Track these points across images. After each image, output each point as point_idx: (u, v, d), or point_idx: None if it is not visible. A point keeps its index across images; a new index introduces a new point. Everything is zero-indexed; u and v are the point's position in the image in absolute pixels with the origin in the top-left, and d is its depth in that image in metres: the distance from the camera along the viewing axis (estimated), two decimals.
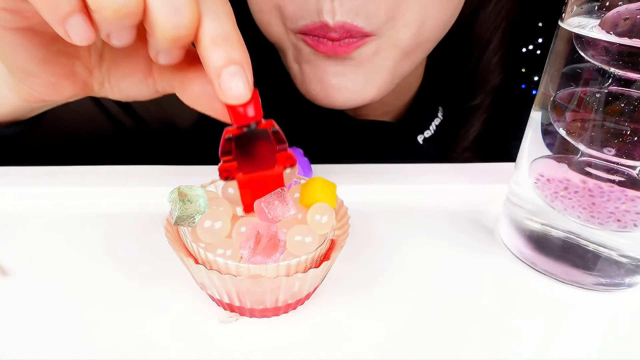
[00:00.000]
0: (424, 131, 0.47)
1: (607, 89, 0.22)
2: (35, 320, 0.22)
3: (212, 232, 0.21)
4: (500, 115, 0.48)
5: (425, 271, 0.26)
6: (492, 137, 0.49)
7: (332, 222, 0.22)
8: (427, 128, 0.47)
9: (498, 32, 0.45)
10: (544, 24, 0.44)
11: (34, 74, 0.24)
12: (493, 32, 0.45)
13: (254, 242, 0.20)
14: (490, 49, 0.46)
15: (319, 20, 0.32)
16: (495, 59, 0.46)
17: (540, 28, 0.45)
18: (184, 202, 0.21)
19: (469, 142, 0.48)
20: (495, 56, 0.46)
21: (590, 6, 0.22)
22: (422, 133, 0.47)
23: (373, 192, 0.32)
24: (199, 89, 0.22)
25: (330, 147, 0.44)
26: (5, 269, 0.25)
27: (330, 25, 0.31)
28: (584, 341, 0.22)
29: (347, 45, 0.33)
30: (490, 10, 0.45)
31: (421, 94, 0.48)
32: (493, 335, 0.22)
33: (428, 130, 0.47)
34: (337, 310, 0.23)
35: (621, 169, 0.22)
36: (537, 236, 0.26)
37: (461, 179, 0.33)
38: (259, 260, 0.20)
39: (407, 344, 0.21)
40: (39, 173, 0.32)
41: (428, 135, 0.47)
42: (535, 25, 0.46)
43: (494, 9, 0.44)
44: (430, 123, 0.47)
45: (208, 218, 0.21)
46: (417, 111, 0.48)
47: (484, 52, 0.46)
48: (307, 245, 0.21)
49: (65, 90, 0.25)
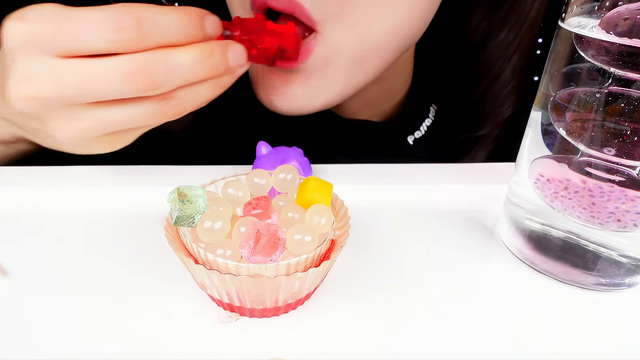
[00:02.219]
0: (414, 132, 0.46)
1: (607, 89, 0.22)
2: (35, 320, 0.22)
3: (212, 233, 0.21)
4: (508, 146, 0.46)
5: (425, 271, 0.26)
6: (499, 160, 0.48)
7: (331, 223, 0.22)
8: (418, 129, 0.46)
9: (510, 63, 0.44)
10: (544, 24, 0.44)
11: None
12: (504, 63, 0.44)
13: (254, 241, 0.20)
14: (501, 81, 0.45)
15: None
16: (506, 90, 0.45)
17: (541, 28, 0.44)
18: (183, 202, 0.21)
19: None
20: (506, 88, 0.45)
21: (590, 6, 0.22)
22: (412, 134, 0.46)
23: (373, 192, 0.32)
24: None
25: (318, 146, 0.44)
26: (5, 269, 0.25)
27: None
28: (584, 341, 0.22)
29: (302, 54, 0.32)
30: (500, 41, 0.43)
31: (412, 94, 0.47)
32: (493, 335, 0.22)
33: (418, 130, 0.46)
34: (337, 310, 0.23)
35: (621, 169, 0.22)
36: (537, 236, 0.26)
37: (461, 179, 0.33)
38: (258, 259, 0.20)
39: (407, 343, 0.21)
40: (39, 173, 0.32)
41: (419, 136, 0.46)
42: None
43: (504, 40, 0.43)
44: (421, 124, 0.46)
45: (208, 218, 0.21)
46: (407, 112, 0.47)
47: (494, 83, 0.45)
48: (306, 244, 0.21)
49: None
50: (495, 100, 0.45)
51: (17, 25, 0.24)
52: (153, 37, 0.24)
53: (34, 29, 0.24)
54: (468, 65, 0.45)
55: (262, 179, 0.24)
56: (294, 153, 0.31)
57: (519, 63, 0.44)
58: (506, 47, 0.43)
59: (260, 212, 0.23)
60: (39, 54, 0.24)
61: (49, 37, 0.24)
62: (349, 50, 0.32)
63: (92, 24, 0.23)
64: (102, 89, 0.24)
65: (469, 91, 0.46)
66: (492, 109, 0.46)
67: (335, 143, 0.44)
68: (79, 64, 0.24)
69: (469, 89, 0.46)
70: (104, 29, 0.23)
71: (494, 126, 0.46)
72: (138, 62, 0.24)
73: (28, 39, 0.24)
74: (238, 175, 0.25)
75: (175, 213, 0.21)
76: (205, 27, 0.26)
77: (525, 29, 0.43)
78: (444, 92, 0.48)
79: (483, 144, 0.47)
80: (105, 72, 0.24)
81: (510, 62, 0.44)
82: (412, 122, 0.46)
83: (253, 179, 0.24)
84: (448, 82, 0.48)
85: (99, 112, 0.25)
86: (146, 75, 0.24)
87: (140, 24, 0.23)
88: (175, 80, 0.25)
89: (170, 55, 0.24)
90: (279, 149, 0.31)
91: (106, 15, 0.23)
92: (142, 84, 0.24)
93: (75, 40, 0.24)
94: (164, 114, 0.26)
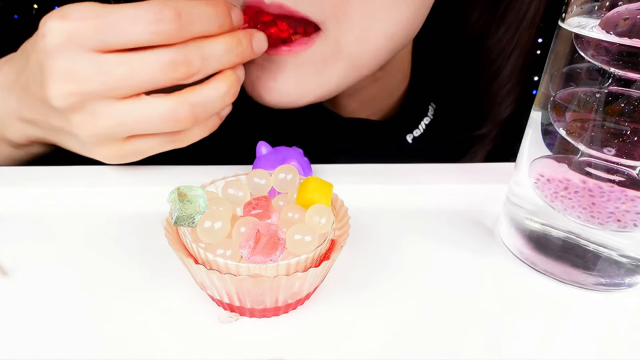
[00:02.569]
0: (413, 130, 0.46)
1: (607, 89, 0.22)
2: (35, 320, 0.22)
3: (212, 233, 0.21)
4: (507, 145, 0.46)
5: (425, 271, 0.26)
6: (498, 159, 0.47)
7: (331, 223, 0.22)
8: (417, 127, 0.46)
9: (509, 61, 0.44)
10: (544, 24, 0.44)
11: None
12: (503, 62, 0.44)
13: (254, 241, 0.20)
14: (500, 79, 0.44)
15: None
16: (505, 89, 0.45)
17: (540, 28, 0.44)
18: (183, 202, 0.21)
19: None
20: (505, 87, 0.45)
21: (590, 6, 0.22)
22: (411, 132, 0.46)
23: (373, 192, 0.32)
24: None
25: (318, 145, 0.44)
26: (5, 269, 0.25)
27: (265, 2, 0.30)
28: (584, 341, 0.22)
29: (295, 43, 0.32)
30: (498, 39, 0.43)
31: (410, 93, 0.47)
32: (493, 335, 0.22)
33: (417, 129, 0.46)
34: (337, 310, 0.23)
35: (621, 169, 0.22)
36: (537, 236, 0.26)
37: (461, 179, 0.33)
38: (258, 259, 0.20)
39: (406, 343, 0.21)
40: (39, 173, 0.32)
41: (417, 135, 0.46)
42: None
43: (502, 38, 0.43)
44: (420, 122, 0.46)
45: (208, 218, 0.21)
46: (405, 110, 0.47)
47: (493, 82, 0.45)
48: (306, 244, 0.21)
49: None
50: (494, 99, 0.45)
51: (58, 24, 0.25)
52: (191, 29, 0.26)
53: (75, 26, 0.25)
54: (467, 63, 0.45)
55: (262, 179, 0.24)
56: (294, 153, 0.31)
57: (518, 62, 0.44)
58: (505, 46, 0.43)
59: (260, 212, 0.23)
60: (81, 50, 0.25)
61: (91, 33, 0.25)
62: (348, 50, 0.33)
63: (133, 18, 0.25)
64: (146, 80, 0.26)
65: (468, 89, 0.46)
66: (491, 108, 0.46)
67: (334, 142, 0.44)
68: (123, 58, 0.25)
69: (468, 87, 0.46)
70: (145, 22, 0.25)
71: (493, 126, 0.46)
72: (179, 52, 0.26)
73: (70, 37, 0.25)
74: (238, 175, 0.25)
75: (175, 213, 0.21)
76: (233, 18, 0.28)
77: (523, 28, 0.43)
78: (443, 91, 0.48)
79: (482, 143, 0.47)
80: (149, 63, 0.25)
81: (509, 61, 0.44)
82: (410, 121, 0.46)
83: (253, 179, 0.24)
84: (447, 80, 0.48)
85: (121, 108, 0.26)
86: (186, 64, 0.26)
87: (179, 16, 0.25)
88: (209, 68, 0.27)
89: (205, 45, 0.27)
90: (279, 149, 0.31)
91: (146, 9, 0.25)
92: (182, 72, 0.26)
93: (117, 35, 0.25)
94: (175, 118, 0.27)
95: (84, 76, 0.25)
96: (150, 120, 0.27)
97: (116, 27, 0.25)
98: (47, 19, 0.25)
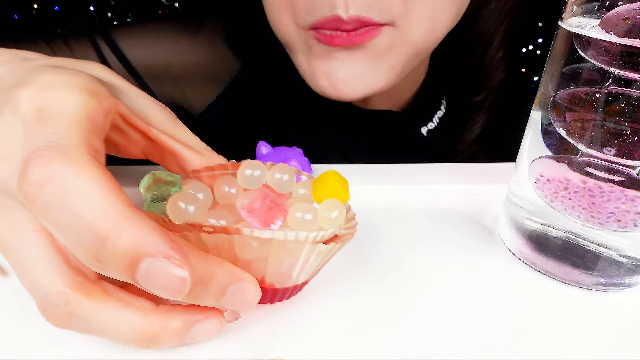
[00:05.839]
0: (428, 123, 0.47)
1: (607, 89, 0.22)
2: (35, 320, 0.22)
3: (185, 213, 0.20)
4: (504, 110, 0.48)
5: (425, 271, 0.26)
6: (498, 131, 0.49)
7: (343, 218, 0.21)
8: (431, 120, 0.47)
9: (501, 28, 0.46)
10: (544, 24, 0.44)
11: None
12: (496, 29, 0.46)
13: (260, 201, 0.20)
14: (494, 46, 0.46)
15: (331, 15, 0.32)
16: (499, 55, 0.47)
17: (540, 28, 0.45)
18: (158, 186, 0.21)
19: (475, 135, 0.49)
20: (499, 52, 0.47)
21: (590, 6, 0.22)
22: (425, 125, 0.47)
23: (373, 192, 0.32)
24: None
25: (335, 135, 0.44)
26: (5, 269, 0.25)
27: (343, 18, 0.31)
28: (584, 341, 0.22)
29: (362, 34, 0.33)
30: (493, 7, 0.45)
31: (425, 86, 0.48)
32: (493, 335, 0.22)
33: (431, 122, 0.47)
34: (337, 310, 0.23)
35: (621, 169, 0.22)
36: (537, 236, 0.26)
37: (461, 179, 0.33)
38: (255, 223, 0.19)
39: (406, 343, 0.21)
40: None
41: (431, 127, 0.47)
42: (536, 24, 0.47)
43: (496, 5, 0.45)
44: (434, 115, 0.48)
45: (180, 199, 0.20)
46: (420, 103, 0.48)
47: (488, 49, 0.47)
48: (307, 222, 0.20)
49: None
50: (490, 65, 0.47)
51: None
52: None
53: None
54: (465, 32, 0.47)
55: (256, 169, 0.24)
56: (293, 153, 0.31)
57: (509, 28, 0.46)
58: (498, 13, 0.45)
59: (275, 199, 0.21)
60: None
61: None
62: (416, 40, 0.34)
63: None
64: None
65: (465, 58, 0.48)
66: (488, 74, 0.48)
67: (352, 132, 0.45)
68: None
69: (465, 55, 0.48)
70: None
71: (489, 91, 0.48)
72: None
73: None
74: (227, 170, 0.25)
75: (148, 195, 0.20)
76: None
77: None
78: (455, 84, 0.49)
79: (481, 109, 0.49)
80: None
81: (500, 28, 0.46)
82: (425, 113, 0.48)
83: (244, 172, 0.23)
84: (453, 57, 0.49)
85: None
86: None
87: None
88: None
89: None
90: (279, 149, 0.31)
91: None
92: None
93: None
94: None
95: None
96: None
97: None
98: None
